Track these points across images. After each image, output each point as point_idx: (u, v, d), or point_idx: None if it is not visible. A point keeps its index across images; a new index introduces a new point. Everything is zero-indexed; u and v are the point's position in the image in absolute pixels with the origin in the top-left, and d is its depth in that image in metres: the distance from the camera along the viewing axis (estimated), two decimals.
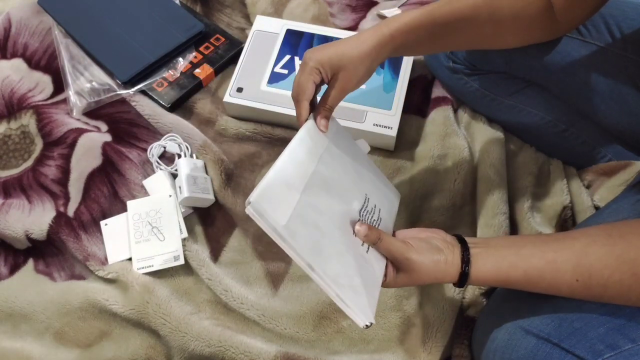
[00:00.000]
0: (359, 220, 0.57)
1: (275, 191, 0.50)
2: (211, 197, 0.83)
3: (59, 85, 0.97)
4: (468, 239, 0.57)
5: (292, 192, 0.52)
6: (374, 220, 0.60)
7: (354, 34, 0.61)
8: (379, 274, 0.55)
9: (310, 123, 0.60)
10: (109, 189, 0.86)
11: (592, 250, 0.50)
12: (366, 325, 0.50)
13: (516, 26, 0.65)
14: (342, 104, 0.66)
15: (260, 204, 0.48)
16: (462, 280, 0.54)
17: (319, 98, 0.62)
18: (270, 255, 0.81)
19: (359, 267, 0.53)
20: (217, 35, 1.00)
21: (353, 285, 0.51)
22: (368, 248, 0.55)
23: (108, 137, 0.91)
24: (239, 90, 0.90)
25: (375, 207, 0.61)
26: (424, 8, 0.62)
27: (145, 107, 0.92)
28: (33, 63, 1.00)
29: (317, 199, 0.54)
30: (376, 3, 1.07)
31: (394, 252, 0.55)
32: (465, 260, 0.54)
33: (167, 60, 0.96)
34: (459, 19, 0.62)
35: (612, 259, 0.48)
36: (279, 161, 0.53)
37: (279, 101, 0.88)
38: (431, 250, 0.54)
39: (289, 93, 0.87)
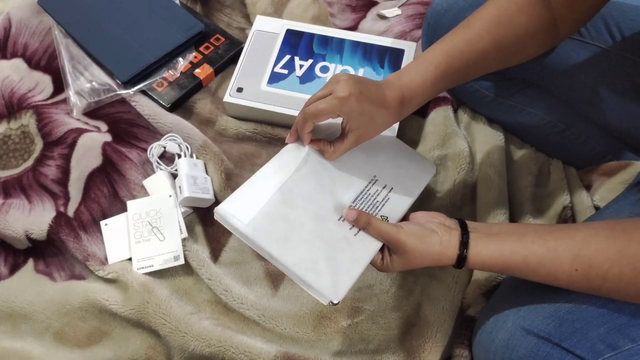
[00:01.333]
0: (350, 205, 0.60)
1: (241, 196, 0.58)
2: (211, 197, 0.83)
3: (59, 85, 0.97)
4: (469, 223, 0.57)
5: (262, 194, 0.58)
6: (377, 201, 0.62)
7: (373, 82, 0.60)
8: (363, 256, 0.57)
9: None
10: (109, 189, 0.86)
11: (593, 241, 0.50)
12: (331, 303, 0.54)
13: (522, 54, 0.66)
14: None
15: (224, 210, 0.57)
16: (460, 262, 0.54)
17: None
18: None
19: (332, 251, 0.56)
20: (217, 35, 1.00)
21: (317, 268, 0.55)
22: (358, 231, 0.58)
23: (108, 137, 0.91)
24: (239, 90, 0.90)
25: (384, 187, 0.63)
26: (437, 63, 0.61)
27: (145, 107, 0.92)
28: (33, 63, 1.00)
29: (296, 192, 0.59)
30: (376, 3, 1.07)
31: (384, 235, 0.56)
32: (464, 242, 0.54)
33: (167, 60, 0.96)
34: (470, 67, 0.63)
35: (613, 252, 0.48)
36: (259, 170, 0.60)
37: (279, 101, 0.88)
38: (423, 232, 0.55)
39: (289, 93, 0.89)
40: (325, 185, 0.60)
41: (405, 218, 0.62)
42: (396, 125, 0.85)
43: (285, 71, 0.91)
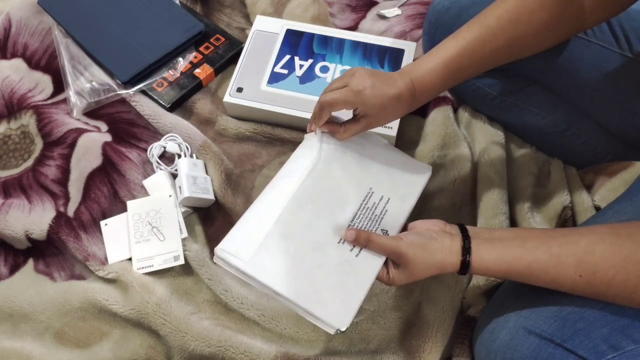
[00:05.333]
0: (349, 225, 0.59)
1: (239, 233, 0.57)
2: (211, 197, 0.83)
3: (59, 85, 0.97)
4: (470, 228, 0.57)
5: (260, 228, 0.57)
6: (375, 215, 0.61)
7: (387, 75, 0.61)
8: (366, 277, 0.57)
9: (307, 144, 0.64)
10: (109, 189, 0.86)
11: (598, 248, 0.49)
12: (338, 331, 0.54)
13: (538, 47, 0.65)
14: None
15: (222, 250, 0.56)
16: (464, 268, 0.54)
17: None
18: None
19: (335, 278, 0.56)
20: (217, 35, 1.00)
21: (321, 299, 0.55)
22: (359, 251, 0.57)
23: (108, 137, 0.91)
24: (239, 90, 0.90)
25: (381, 199, 0.62)
26: (447, 62, 0.61)
27: (145, 107, 0.92)
28: (33, 63, 1.00)
29: (294, 222, 0.58)
30: (376, 3, 1.07)
31: (385, 249, 0.56)
32: (466, 248, 0.54)
33: (167, 60, 0.96)
34: (481, 65, 0.63)
35: (618, 259, 0.48)
36: (255, 202, 0.60)
37: (279, 101, 0.88)
38: (424, 241, 0.55)
39: (289, 93, 0.89)
40: (322, 207, 0.60)
41: (404, 228, 0.62)
42: (396, 125, 0.85)
43: (285, 71, 0.91)
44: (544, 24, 0.60)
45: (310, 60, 0.92)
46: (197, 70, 0.96)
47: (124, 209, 0.83)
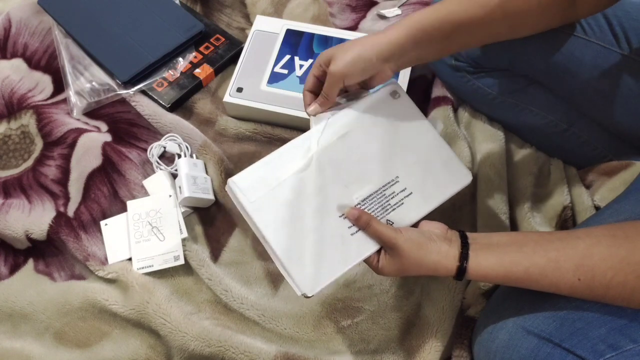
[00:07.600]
0: (358, 204, 0.59)
1: (256, 172, 0.59)
2: (211, 197, 0.83)
3: (59, 85, 0.97)
4: (470, 234, 0.57)
5: (277, 174, 0.59)
6: (388, 205, 0.60)
7: (366, 35, 0.61)
8: (352, 256, 0.58)
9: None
10: (109, 189, 0.86)
11: (596, 250, 0.49)
12: (304, 295, 0.56)
13: (531, 21, 0.63)
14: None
15: (234, 183, 0.58)
16: (460, 274, 0.54)
17: None
18: None
19: (323, 247, 0.57)
20: (217, 35, 1.00)
21: (302, 260, 0.57)
22: (356, 231, 0.58)
23: (108, 137, 0.91)
24: (239, 90, 0.90)
25: (402, 190, 0.61)
26: (433, 10, 0.59)
27: (145, 107, 0.92)
28: (33, 63, 1.00)
29: (309, 181, 0.59)
30: (376, 3, 1.07)
31: (381, 237, 0.56)
32: (464, 254, 0.54)
33: (167, 60, 0.96)
34: (472, 22, 0.60)
35: (616, 261, 0.48)
36: (286, 146, 0.60)
37: (279, 101, 0.88)
38: (421, 240, 0.55)
39: (289, 93, 0.89)
40: (341, 177, 0.60)
41: (415, 226, 0.61)
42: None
43: (285, 71, 0.91)
44: (536, 1, 0.59)
45: (310, 60, 0.92)
46: (197, 70, 0.96)
47: (124, 209, 0.83)
